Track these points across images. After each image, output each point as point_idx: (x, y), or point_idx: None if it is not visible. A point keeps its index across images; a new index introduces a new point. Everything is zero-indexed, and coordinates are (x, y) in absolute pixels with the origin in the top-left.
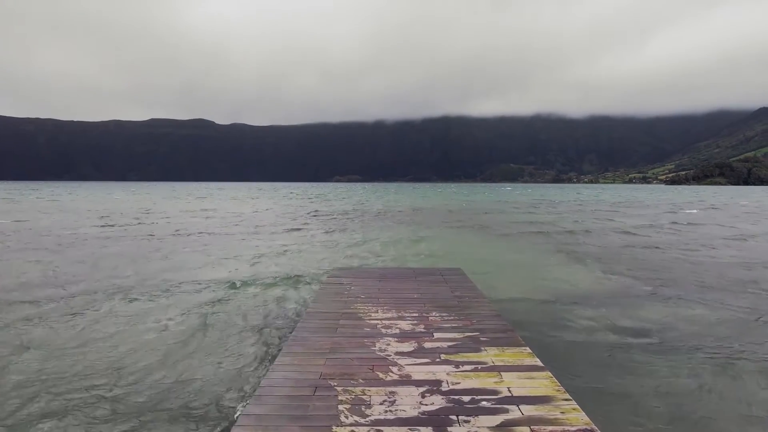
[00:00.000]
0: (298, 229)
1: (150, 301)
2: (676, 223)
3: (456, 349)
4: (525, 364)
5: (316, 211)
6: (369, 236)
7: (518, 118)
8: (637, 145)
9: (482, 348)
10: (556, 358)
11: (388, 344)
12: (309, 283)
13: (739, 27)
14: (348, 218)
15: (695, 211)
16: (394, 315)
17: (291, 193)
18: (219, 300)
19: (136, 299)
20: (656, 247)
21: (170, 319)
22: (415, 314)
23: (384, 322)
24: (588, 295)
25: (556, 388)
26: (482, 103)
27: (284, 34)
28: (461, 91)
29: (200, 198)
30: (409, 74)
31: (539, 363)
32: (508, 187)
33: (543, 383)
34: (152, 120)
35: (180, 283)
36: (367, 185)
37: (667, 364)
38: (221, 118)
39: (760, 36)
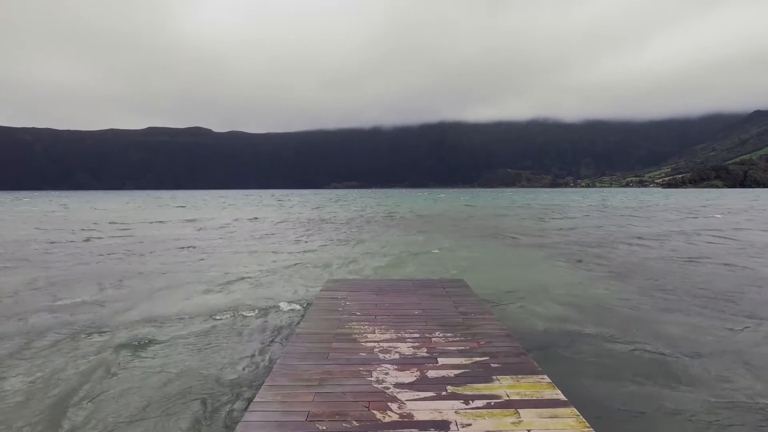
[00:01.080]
0: (301, 240)
1: (122, 331)
2: (703, 230)
3: (464, 378)
4: (545, 398)
5: (317, 219)
6: (377, 249)
7: (515, 122)
8: (633, 148)
9: (494, 377)
10: (582, 392)
11: (387, 373)
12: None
13: (735, 29)
14: (352, 227)
15: (719, 216)
16: (393, 336)
17: (289, 200)
18: (206, 330)
19: (97, 333)
20: (698, 259)
21: (135, 355)
22: (416, 335)
23: (382, 345)
24: (623, 317)
25: (586, 430)
26: (479, 108)
27: (282, 40)
28: (458, 97)
29: (196, 207)
30: (406, 80)
31: (562, 397)
32: (508, 192)
33: (569, 423)
34: (149, 128)
35: (160, 313)
36: (366, 191)
37: (724, 414)
38: (218, 126)
39: (754, 39)
